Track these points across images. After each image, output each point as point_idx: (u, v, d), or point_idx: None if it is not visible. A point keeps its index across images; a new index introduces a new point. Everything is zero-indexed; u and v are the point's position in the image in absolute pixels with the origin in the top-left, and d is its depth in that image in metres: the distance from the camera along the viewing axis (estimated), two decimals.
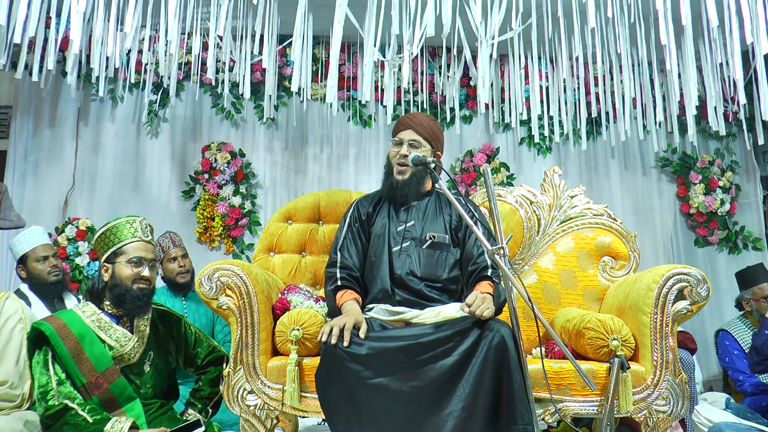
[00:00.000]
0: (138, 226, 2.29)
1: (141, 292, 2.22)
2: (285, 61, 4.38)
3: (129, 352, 2.21)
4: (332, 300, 2.24)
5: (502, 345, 1.84)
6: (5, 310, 2.33)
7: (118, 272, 2.22)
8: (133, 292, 2.21)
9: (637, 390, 2.08)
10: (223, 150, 4.31)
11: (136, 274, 2.22)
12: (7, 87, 4.42)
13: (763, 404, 3.17)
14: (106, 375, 2.12)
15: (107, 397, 2.11)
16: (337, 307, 2.18)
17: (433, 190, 2.41)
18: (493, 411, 1.83)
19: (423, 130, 2.35)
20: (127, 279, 2.21)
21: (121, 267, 2.23)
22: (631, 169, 4.64)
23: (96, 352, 2.13)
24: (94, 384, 2.10)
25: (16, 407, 2.23)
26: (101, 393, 2.10)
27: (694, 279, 2.13)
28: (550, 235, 2.77)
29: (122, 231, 2.27)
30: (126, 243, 2.25)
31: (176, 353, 2.38)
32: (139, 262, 2.23)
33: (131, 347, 2.22)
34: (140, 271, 2.22)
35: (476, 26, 2.81)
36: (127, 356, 2.21)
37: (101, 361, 2.13)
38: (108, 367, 2.13)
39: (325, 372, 1.92)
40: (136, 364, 2.23)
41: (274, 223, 2.83)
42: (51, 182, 4.21)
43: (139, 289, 2.21)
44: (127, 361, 2.21)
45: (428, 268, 2.24)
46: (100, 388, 2.10)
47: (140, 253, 2.24)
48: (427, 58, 4.48)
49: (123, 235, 2.26)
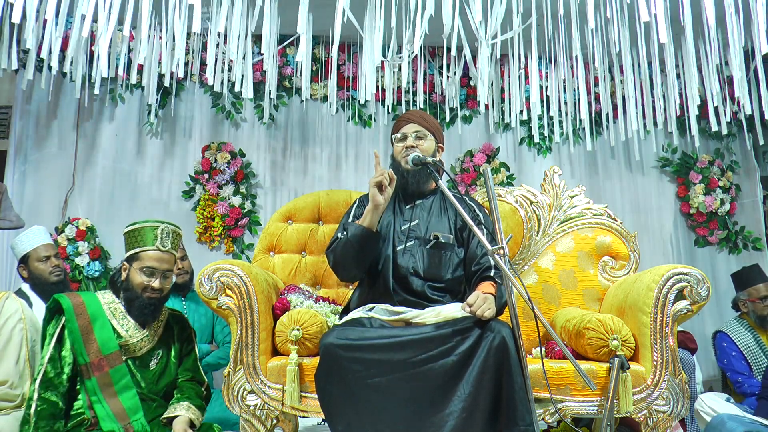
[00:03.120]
0: (159, 234, 2.29)
1: (149, 301, 2.26)
2: (285, 61, 4.38)
3: (136, 344, 2.25)
4: (345, 237, 2.18)
5: (503, 345, 1.84)
6: (5, 310, 2.33)
7: (132, 277, 2.27)
8: (141, 301, 2.25)
9: (637, 390, 2.08)
10: (223, 150, 4.31)
11: (147, 284, 2.25)
12: (7, 87, 4.42)
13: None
14: (109, 359, 2.18)
15: (106, 380, 2.17)
16: (357, 229, 2.15)
17: (438, 189, 2.38)
18: (494, 411, 1.83)
19: (424, 122, 2.35)
20: (138, 286, 2.26)
21: (135, 273, 2.27)
22: (631, 169, 4.64)
23: (104, 336, 2.19)
24: (96, 365, 2.16)
25: (16, 407, 2.24)
26: (101, 375, 2.16)
27: (694, 279, 2.13)
28: (550, 235, 2.77)
29: (145, 236, 2.29)
30: (144, 249, 2.28)
31: (176, 357, 2.39)
32: (151, 273, 2.26)
33: (139, 339, 2.26)
34: (150, 281, 2.26)
35: (476, 26, 2.81)
36: (133, 347, 2.24)
37: (107, 345, 2.19)
38: (113, 351, 2.19)
39: (324, 372, 1.92)
40: (142, 358, 2.26)
41: (274, 223, 2.83)
42: (51, 182, 4.21)
43: (148, 299, 2.26)
44: (132, 353, 2.25)
45: (432, 268, 2.23)
46: (101, 370, 2.17)
47: (153, 264, 2.26)
48: (427, 58, 4.48)
49: (144, 240, 2.29)
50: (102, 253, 4.10)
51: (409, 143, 2.28)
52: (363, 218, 2.18)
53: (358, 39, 3.74)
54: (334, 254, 2.23)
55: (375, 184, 2.14)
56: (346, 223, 2.31)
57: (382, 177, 2.15)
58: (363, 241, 2.15)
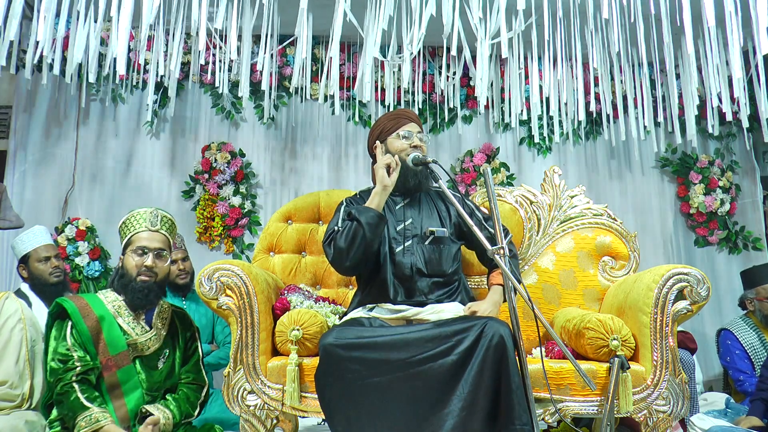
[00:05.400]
0: (149, 217, 2.30)
1: (143, 284, 2.23)
2: (285, 61, 4.38)
3: (144, 343, 2.24)
4: (353, 223, 2.17)
5: (501, 345, 1.84)
6: (5, 310, 2.34)
7: (126, 262, 2.27)
8: (136, 284, 2.23)
9: (637, 390, 2.08)
10: (223, 150, 4.31)
11: (139, 265, 2.23)
12: (7, 87, 4.41)
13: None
14: (117, 359, 2.17)
15: (113, 381, 2.16)
16: (369, 211, 2.16)
17: (422, 187, 2.41)
18: (493, 410, 1.83)
19: (421, 125, 2.41)
20: (132, 269, 2.24)
21: (128, 257, 2.27)
22: (631, 169, 4.64)
23: (113, 335, 2.18)
24: (105, 366, 2.15)
25: (16, 407, 2.24)
26: (109, 375, 2.15)
27: (694, 279, 2.13)
28: (550, 235, 2.77)
29: (136, 222, 2.31)
30: (135, 233, 2.28)
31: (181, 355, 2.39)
32: (143, 252, 2.25)
33: (147, 338, 2.25)
34: (143, 260, 2.24)
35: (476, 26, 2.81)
36: (141, 346, 2.24)
37: (116, 344, 2.17)
38: (121, 351, 2.18)
39: (324, 372, 1.92)
40: (150, 357, 2.25)
41: (274, 223, 2.83)
42: (51, 182, 4.20)
43: (142, 281, 2.23)
44: (140, 351, 2.24)
45: (433, 263, 2.26)
46: (110, 370, 2.15)
47: (144, 243, 2.26)
48: (427, 58, 4.48)
49: (134, 226, 2.30)
50: (102, 253, 4.10)
51: (416, 142, 2.31)
52: (371, 200, 2.20)
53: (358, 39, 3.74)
54: (338, 243, 2.17)
55: (384, 165, 2.21)
56: (349, 210, 2.27)
57: (391, 160, 2.22)
58: (375, 221, 2.15)
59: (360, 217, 2.14)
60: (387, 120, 2.39)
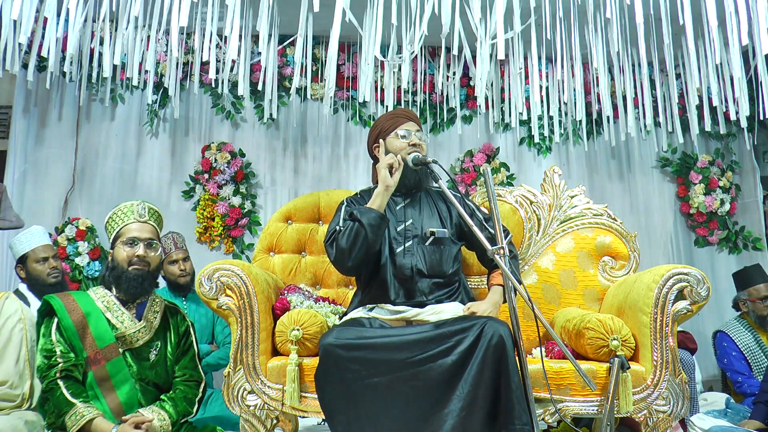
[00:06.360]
0: (136, 208, 2.32)
1: (136, 273, 2.24)
2: (285, 61, 4.38)
3: (132, 335, 2.24)
4: (354, 223, 2.16)
5: (501, 345, 1.84)
6: (5, 310, 2.34)
7: (116, 255, 2.27)
8: (129, 274, 2.24)
9: (637, 390, 2.08)
10: (223, 150, 4.31)
11: (130, 255, 2.24)
12: (7, 87, 4.41)
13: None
14: (106, 352, 2.17)
15: (103, 374, 2.16)
16: (371, 212, 2.15)
17: (422, 188, 2.41)
18: (493, 410, 1.83)
19: (419, 124, 2.40)
20: (123, 261, 2.25)
21: (118, 249, 2.27)
22: (631, 169, 4.64)
23: (100, 329, 2.18)
24: (93, 359, 2.15)
25: (16, 407, 2.24)
26: (98, 369, 2.15)
27: (694, 279, 2.13)
28: (550, 235, 2.77)
29: (122, 215, 2.31)
30: (124, 225, 2.29)
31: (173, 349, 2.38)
32: (133, 242, 2.26)
33: (135, 330, 2.24)
34: (134, 251, 2.24)
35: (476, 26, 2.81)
36: (130, 338, 2.23)
37: (103, 337, 2.18)
38: (109, 344, 2.18)
39: (324, 372, 1.92)
40: (140, 350, 2.25)
41: (274, 223, 2.83)
42: (51, 182, 4.21)
43: (135, 270, 2.24)
44: (129, 344, 2.23)
45: (434, 264, 2.25)
46: (98, 363, 2.15)
47: (134, 233, 2.27)
48: (427, 58, 4.48)
49: (122, 219, 2.31)
50: (102, 253, 4.10)
51: (414, 141, 2.31)
52: (372, 201, 2.20)
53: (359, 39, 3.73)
54: (340, 243, 2.16)
55: (387, 165, 2.20)
56: (350, 210, 2.27)
57: (393, 159, 2.21)
58: (377, 222, 2.15)
59: (362, 218, 2.14)
60: (385, 120, 2.39)
